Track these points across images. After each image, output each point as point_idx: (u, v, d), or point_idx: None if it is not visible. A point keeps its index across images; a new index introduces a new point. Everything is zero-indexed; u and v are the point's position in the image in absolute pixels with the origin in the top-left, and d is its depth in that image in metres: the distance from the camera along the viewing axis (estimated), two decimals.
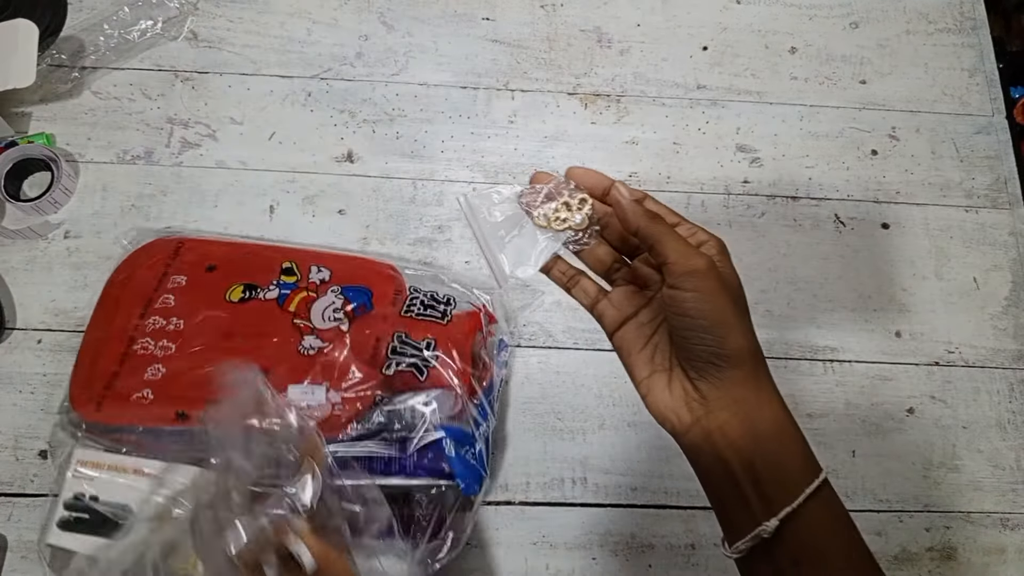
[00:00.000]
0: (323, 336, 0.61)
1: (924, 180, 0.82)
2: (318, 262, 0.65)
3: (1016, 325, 0.77)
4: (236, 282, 0.63)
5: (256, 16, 0.82)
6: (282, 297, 0.63)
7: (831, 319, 0.76)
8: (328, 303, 0.62)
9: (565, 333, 0.73)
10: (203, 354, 0.60)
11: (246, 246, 0.68)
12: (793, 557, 0.38)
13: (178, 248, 0.66)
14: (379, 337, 0.61)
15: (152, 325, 0.61)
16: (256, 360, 0.59)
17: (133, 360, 0.60)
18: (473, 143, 0.80)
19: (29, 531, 0.65)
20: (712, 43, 0.85)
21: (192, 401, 0.58)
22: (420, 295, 0.65)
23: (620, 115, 0.82)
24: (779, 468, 0.39)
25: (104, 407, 0.58)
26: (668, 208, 0.44)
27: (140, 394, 0.59)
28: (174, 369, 0.60)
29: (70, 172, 0.74)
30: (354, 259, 0.67)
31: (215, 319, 0.62)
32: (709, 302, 0.39)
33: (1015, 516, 0.71)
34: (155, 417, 0.58)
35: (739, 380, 0.40)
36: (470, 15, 0.84)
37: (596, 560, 0.67)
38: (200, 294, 0.63)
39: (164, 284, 0.64)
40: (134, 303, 0.63)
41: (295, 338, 0.61)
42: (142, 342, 0.61)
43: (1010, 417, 0.74)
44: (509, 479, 0.69)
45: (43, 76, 0.77)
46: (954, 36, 0.87)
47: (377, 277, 0.65)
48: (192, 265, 0.65)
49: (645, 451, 0.70)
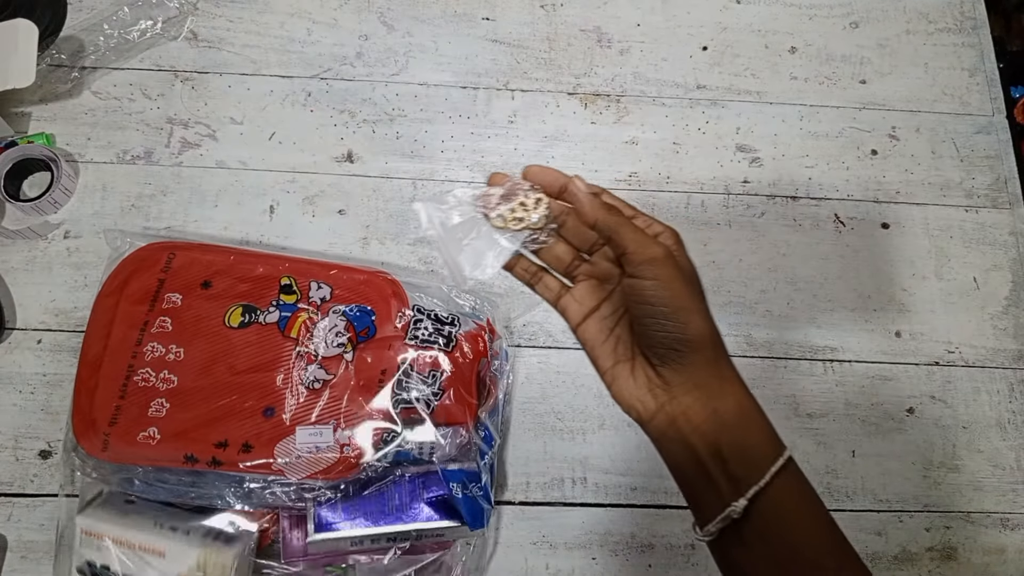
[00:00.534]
0: (327, 366, 0.59)
1: (924, 180, 0.82)
2: (317, 277, 0.63)
3: (1016, 325, 0.77)
4: (234, 303, 0.61)
5: (256, 16, 0.82)
6: (283, 321, 0.61)
7: (831, 319, 0.76)
8: (330, 326, 0.61)
9: (565, 333, 0.73)
10: (208, 391, 0.58)
11: (240, 254, 0.65)
12: (761, 533, 0.39)
13: (170, 259, 0.63)
14: (385, 369, 0.60)
15: (151, 353, 0.59)
16: (262, 398, 0.58)
17: (135, 393, 0.58)
18: (473, 143, 0.80)
19: (29, 531, 0.65)
20: (712, 43, 0.85)
21: (200, 443, 0.57)
22: (424, 317, 0.63)
23: (620, 115, 0.82)
24: (744, 448, 0.40)
25: (110, 446, 0.57)
26: (624, 202, 0.45)
27: (146, 433, 0.57)
28: (179, 405, 0.58)
29: (70, 172, 0.74)
30: (355, 272, 0.65)
31: (216, 349, 0.60)
32: (668, 289, 0.40)
33: (1015, 516, 0.71)
34: (163, 458, 0.57)
35: (700, 364, 0.40)
36: (470, 15, 0.84)
37: (596, 560, 0.67)
38: (198, 318, 0.61)
39: (159, 304, 0.61)
40: (130, 326, 0.60)
41: (299, 370, 0.59)
42: (142, 372, 0.59)
43: (1010, 417, 0.74)
44: (509, 479, 0.69)
45: (43, 76, 0.77)
46: (954, 36, 0.87)
47: (379, 295, 0.63)
48: (186, 281, 0.62)
49: (645, 451, 0.70)
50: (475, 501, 0.60)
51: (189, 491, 0.58)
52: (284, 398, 0.58)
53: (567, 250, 0.46)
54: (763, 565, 0.40)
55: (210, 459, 0.56)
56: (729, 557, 0.41)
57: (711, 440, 0.40)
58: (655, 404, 0.42)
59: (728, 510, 0.39)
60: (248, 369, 0.59)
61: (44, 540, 0.65)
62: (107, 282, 0.62)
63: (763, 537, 0.39)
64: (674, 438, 0.41)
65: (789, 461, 0.40)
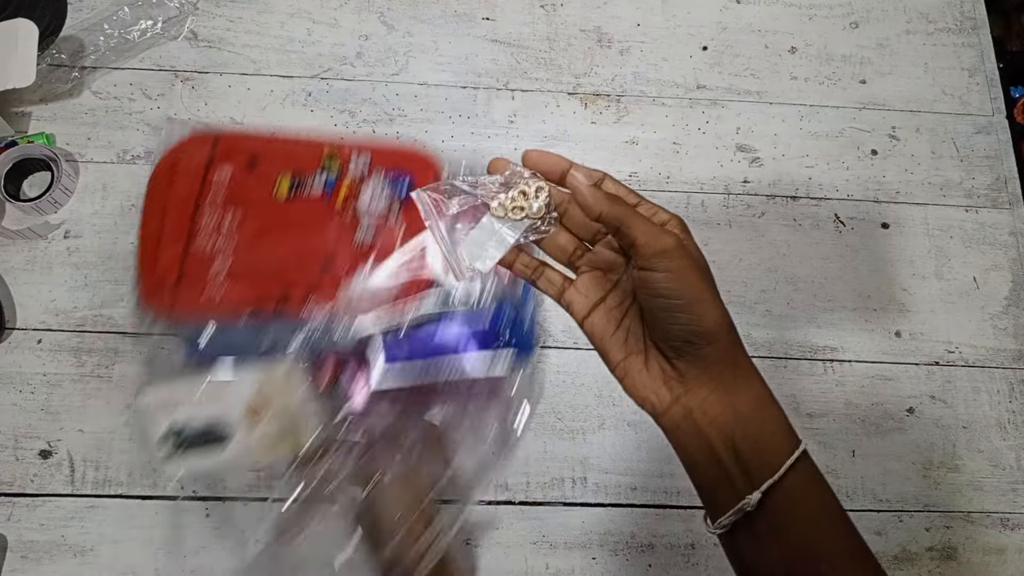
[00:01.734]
0: (374, 226, 0.64)
1: (924, 180, 0.82)
2: (357, 149, 0.67)
3: (1016, 325, 0.77)
4: (280, 176, 0.65)
5: (256, 16, 0.82)
6: (328, 188, 0.65)
7: (831, 319, 0.76)
8: (373, 192, 0.65)
9: (565, 333, 0.73)
10: (266, 252, 0.63)
11: (282, 138, 0.69)
12: (774, 527, 0.39)
13: (215, 144, 0.67)
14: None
15: (207, 223, 0.63)
16: (318, 251, 0.62)
17: (195, 258, 0.62)
18: (473, 143, 0.79)
19: (29, 531, 0.65)
20: (712, 43, 0.85)
21: (263, 296, 0.61)
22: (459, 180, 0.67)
23: (620, 115, 0.82)
24: (760, 442, 0.39)
25: (177, 305, 0.61)
26: (627, 188, 0.43)
27: (210, 291, 0.61)
28: (239, 265, 0.62)
29: (70, 172, 0.74)
30: (391, 145, 0.69)
31: (269, 216, 0.64)
32: (682, 281, 0.39)
33: (1015, 516, 0.71)
34: (228, 313, 0.61)
35: (717, 357, 0.40)
36: (470, 15, 0.84)
37: (596, 560, 0.67)
38: (248, 191, 0.65)
39: (209, 182, 0.65)
40: (183, 204, 0.64)
41: (349, 230, 0.63)
42: (201, 239, 0.63)
43: (1010, 417, 0.74)
44: (509, 479, 0.69)
45: (43, 76, 0.77)
46: (954, 36, 0.87)
47: (415, 163, 0.67)
48: (233, 161, 0.66)
49: (645, 451, 0.70)
50: (522, 335, 0.63)
51: (254, 341, 0.61)
52: (337, 255, 0.63)
53: (569, 239, 0.45)
54: (775, 560, 0.39)
55: (274, 309, 0.60)
56: (741, 551, 0.41)
57: (727, 433, 0.39)
58: (671, 397, 0.41)
59: (742, 503, 0.38)
60: (301, 232, 0.64)
61: (44, 540, 0.65)
62: (158, 166, 0.66)
63: (776, 531, 0.39)
64: (689, 431, 0.41)
65: (804, 455, 0.39)
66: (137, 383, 0.64)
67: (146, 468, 0.67)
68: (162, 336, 0.65)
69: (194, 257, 0.62)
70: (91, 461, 0.67)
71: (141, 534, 0.65)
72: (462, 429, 0.64)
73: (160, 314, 0.61)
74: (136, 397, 0.62)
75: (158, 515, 0.66)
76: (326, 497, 0.60)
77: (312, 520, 0.61)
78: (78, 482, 0.66)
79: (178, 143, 0.67)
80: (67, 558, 0.64)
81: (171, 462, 0.61)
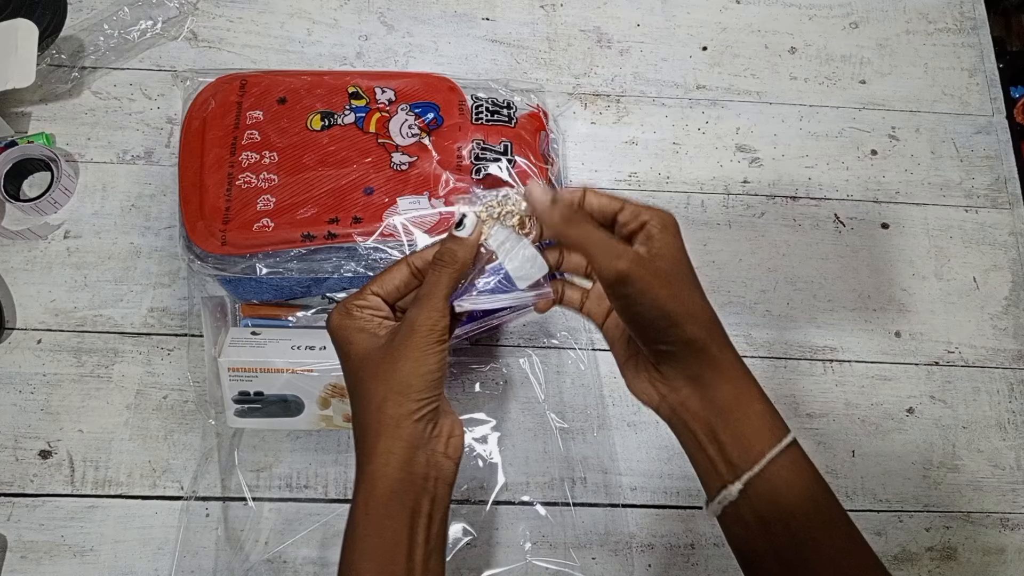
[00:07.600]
0: (408, 152, 0.64)
1: (924, 180, 0.82)
2: (379, 83, 0.68)
3: (1016, 325, 0.77)
4: (311, 111, 0.66)
5: (256, 16, 0.82)
6: (360, 120, 0.66)
7: (831, 319, 0.76)
8: (402, 120, 0.66)
9: (564, 333, 0.73)
10: (309, 181, 0.63)
11: (306, 75, 0.69)
12: (760, 516, 0.40)
13: (243, 85, 0.68)
14: (460, 145, 0.65)
15: (247, 161, 0.64)
16: (359, 180, 0.63)
17: (240, 195, 0.62)
18: None
19: (29, 531, 0.65)
20: (712, 43, 0.85)
21: (313, 222, 0.61)
22: (483, 102, 0.67)
23: (620, 115, 0.82)
24: (740, 435, 0.41)
25: (228, 241, 0.61)
26: (609, 196, 0.43)
27: (260, 224, 0.61)
28: (285, 196, 0.62)
29: (70, 172, 0.74)
30: (411, 76, 0.69)
31: (306, 148, 0.65)
32: (642, 302, 0.39)
33: (1015, 516, 0.71)
34: (281, 242, 0.61)
35: (692, 358, 0.41)
36: (470, 15, 0.84)
37: (596, 560, 0.67)
38: (282, 127, 0.65)
39: (243, 121, 0.65)
40: (220, 144, 0.64)
41: (385, 157, 0.64)
42: (243, 177, 0.63)
43: (1010, 417, 0.74)
44: (509, 479, 0.69)
45: (43, 76, 0.77)
46: (954, 36, 0.87)
47: (438, 91, 0.68)
48: (263, 100, 0.67)
49: (645, 451, 0.70)
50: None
51: (311, 266, 0.62)
52: (378, 179, 0.64)
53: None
54: (764, 547, 0.41)
55: (326, 233, 0.61)
56: (732, 536, 0.42)
57: (709, 427, 0.41)
58: (657, 396, 0.44)
59: (724, 493, 0.40)
60: (339, 161, 0.64)
61: (44, 540, 0.65)
62: (189, 114, 0.66)
63: (762, 521, 0.40)
64: (678, 425, 0.43)
65: (791, 448, 0.41)
66: (215, 336, 0.64)
67: (146, 468, 0.67)
68: (216, 277, 0.64)
69: (239, 192, 0.63)
70: (91, 461, 0.67)
71: (141, 534, 0.65)
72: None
73: (213, 251, 0.61)
74: (218, 350, 0.63)
75: (158, 515, 0.66)
76: None
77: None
78: (78, 482, 0.66)
79: (205, 88, 0.68)
80: (67, 558, 0.64)
81: (240, 420, 0.63)
